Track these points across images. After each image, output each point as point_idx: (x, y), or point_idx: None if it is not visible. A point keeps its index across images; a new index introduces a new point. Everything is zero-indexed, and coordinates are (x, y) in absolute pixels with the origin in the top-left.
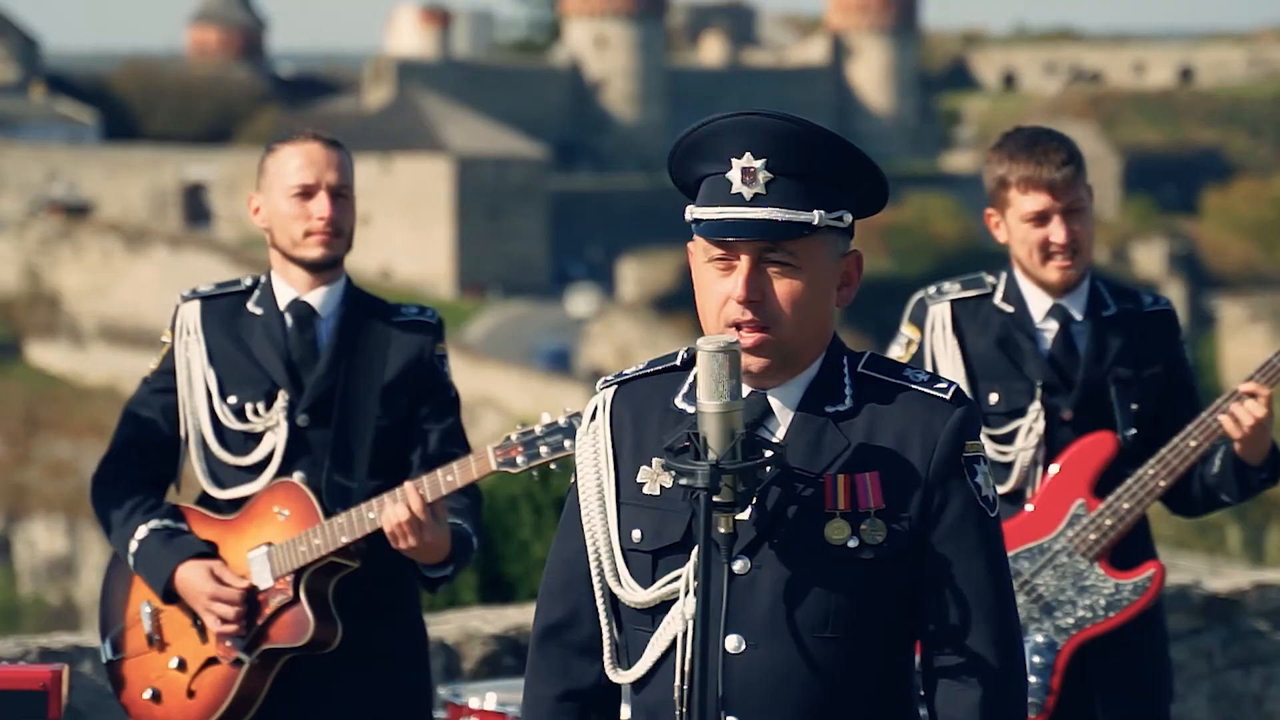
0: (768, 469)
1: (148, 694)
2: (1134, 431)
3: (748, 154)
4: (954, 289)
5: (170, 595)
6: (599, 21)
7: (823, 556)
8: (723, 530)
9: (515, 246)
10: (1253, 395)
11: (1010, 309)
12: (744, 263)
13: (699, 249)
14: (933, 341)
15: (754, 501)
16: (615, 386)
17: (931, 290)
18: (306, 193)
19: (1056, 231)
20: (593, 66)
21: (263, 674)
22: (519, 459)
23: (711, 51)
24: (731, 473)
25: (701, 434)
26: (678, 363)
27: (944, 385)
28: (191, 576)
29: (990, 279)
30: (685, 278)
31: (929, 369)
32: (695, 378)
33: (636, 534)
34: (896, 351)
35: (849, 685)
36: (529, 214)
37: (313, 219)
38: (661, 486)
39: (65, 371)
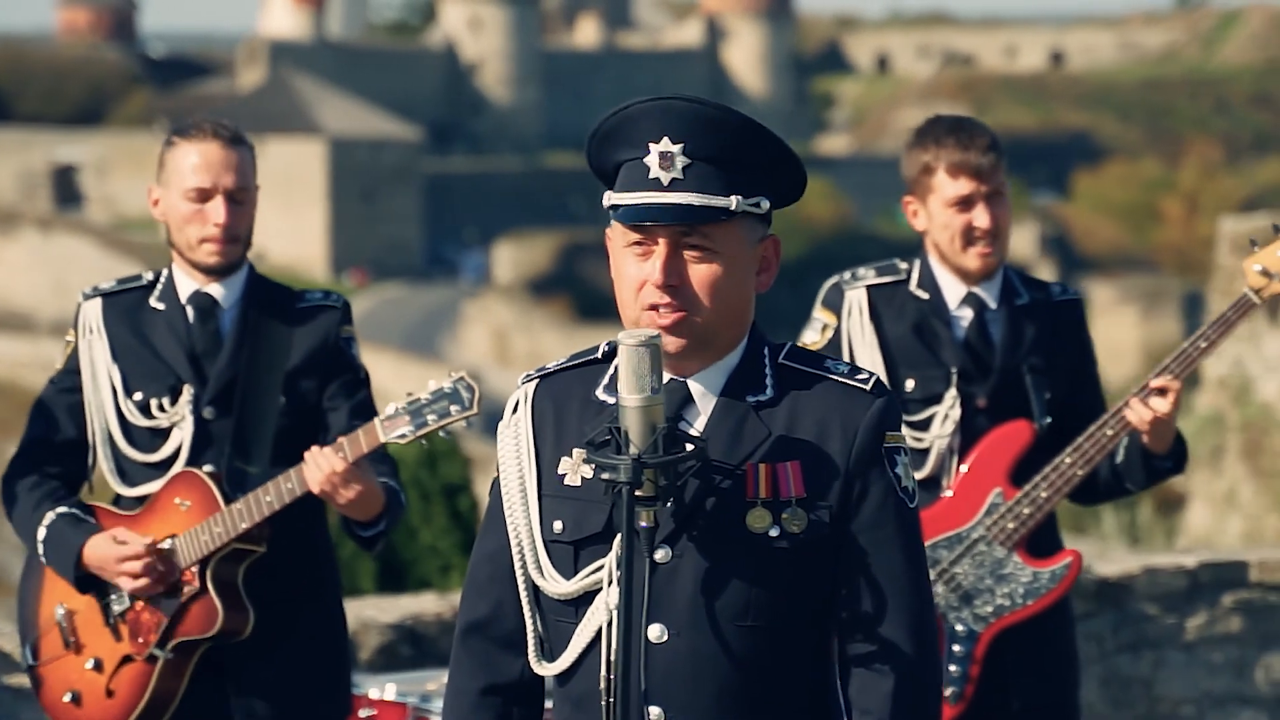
0: (689, 462)
1: (68, 697)
2: (1050, 420)
3: (665, 139)
4: (870, 275)
5: (81, 579)
6: (474, 3)
7: (743, 545)
8: (644, 524)
9: (389, 229)
10: (1161, 391)
11: (925, 296)
12: (661, 247)
13: (617, 234)
14: (849, 327)
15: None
16: (537, 380)
17: (847, 275)
18: (202, 196)
19: (980, 216)
20: (468, 48)
21: (179, 668)
22: (407, 429)
23: (587, 33)
24: (653, 467)
25: (623, 428)
26: (599, 355)
27: (864, 376)
28: (97, 547)
29: (904, 265)
30: (561, 260)
31: (845, 354)
32: (616, 369)
33: (558, 525)
34: (811, 336)
35: (770, 674)
36: (403, 196)
37: (208, 225)
38: (583, 478)
39: None
